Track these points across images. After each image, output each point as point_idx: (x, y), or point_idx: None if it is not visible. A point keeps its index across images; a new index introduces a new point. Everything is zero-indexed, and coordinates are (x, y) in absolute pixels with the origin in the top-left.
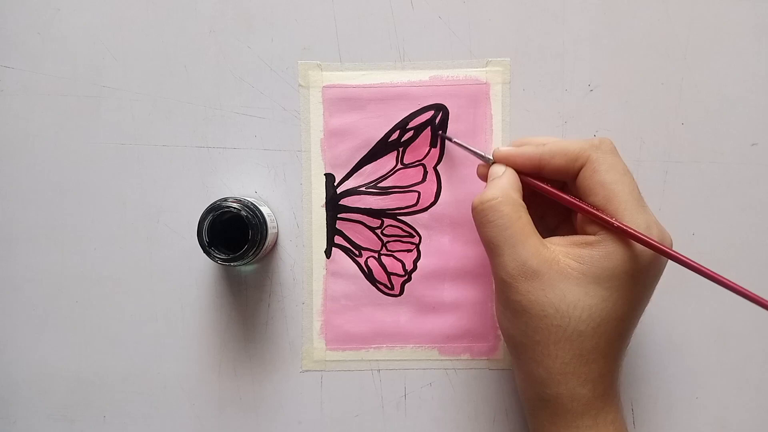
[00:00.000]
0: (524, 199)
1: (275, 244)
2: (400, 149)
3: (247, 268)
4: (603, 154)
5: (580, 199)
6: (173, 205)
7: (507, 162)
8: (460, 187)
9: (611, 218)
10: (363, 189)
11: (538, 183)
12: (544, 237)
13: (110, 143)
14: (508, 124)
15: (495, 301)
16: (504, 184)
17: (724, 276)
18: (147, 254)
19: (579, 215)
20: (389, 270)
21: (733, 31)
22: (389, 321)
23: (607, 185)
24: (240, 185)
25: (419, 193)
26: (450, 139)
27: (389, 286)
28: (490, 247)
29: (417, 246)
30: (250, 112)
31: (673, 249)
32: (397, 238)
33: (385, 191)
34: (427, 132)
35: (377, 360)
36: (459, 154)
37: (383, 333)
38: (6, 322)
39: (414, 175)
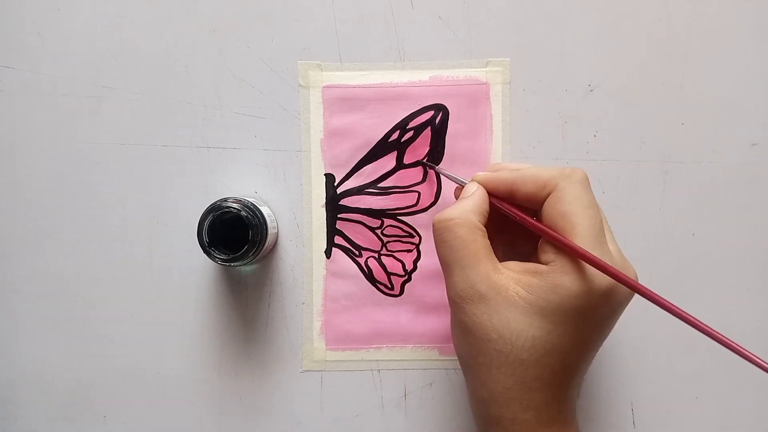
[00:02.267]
0: (498, 224)
1: (275, 244)
2: (400, 149)
3: (247, 268)
4: (571, 183)
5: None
6: (173, 205)
7: (482, 185)
8: None
9: (563, 237)
10: (363, 189)
11: (503, 204)
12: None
13: (110, 143)
14: (508, 124)
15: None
16: (466, 206)
17: (688, 311)
18: (147, 254)
19: (540, 241)
20: (389, 270)
21: (733, 31)
22: (389, 321)
23: (568, 216)
24: (240, 185)
25: (419, 193)
26: (432, 167)
27: (389, 286)
28: (443, 266)
29: (417, 246)
30: (250, 112)
31: (632, 278)
32: (397, 238)
33: (385, 191)
34: (427, 132)
35: (377, 360)
36: (459, 154)
37: (383, 333)
38: (6, 322)
39: (414, 175)
